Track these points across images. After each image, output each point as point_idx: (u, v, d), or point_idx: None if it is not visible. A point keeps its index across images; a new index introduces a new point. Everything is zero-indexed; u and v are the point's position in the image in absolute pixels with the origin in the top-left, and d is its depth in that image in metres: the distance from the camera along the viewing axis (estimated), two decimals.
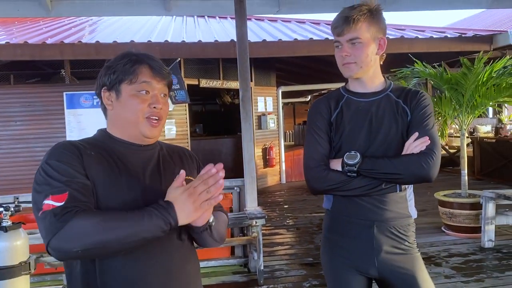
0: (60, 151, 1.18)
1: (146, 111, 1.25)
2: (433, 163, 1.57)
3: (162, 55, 6.19)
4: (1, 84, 7.01)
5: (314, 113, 1.74)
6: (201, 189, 1.11)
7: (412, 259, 1.67)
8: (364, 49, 1.60)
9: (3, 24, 8.29)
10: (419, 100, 1.66)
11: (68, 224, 1.05)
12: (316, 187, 1.68)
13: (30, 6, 4.54)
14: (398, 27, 7.77)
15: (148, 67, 1.26)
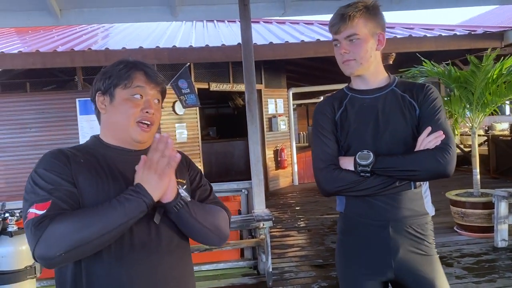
0: (48, 160, 1.21)
1: (138, 115, 1.27)
2: (449, 157, 1.52)
3: (170, 60, 6.27)
4: (17, 92, 7.17)
5: (319, 115, 1.72)
6: (156, 157, 1.17)
7: (431, 261, 1.61)
8: (362, 45, 1.58)
9: (18, 33, 8.49)
10: (427, 94, 1.61)
11: (46, 230, 1.07)
12: (327, 188, 1.64)
13: (40, 16, 4.64)
14: (407, 26, 7.70)
15: (143, 73, 1.29)
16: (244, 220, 4.12)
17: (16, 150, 6.62)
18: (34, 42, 7.38)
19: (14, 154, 6.63)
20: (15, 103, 6.71)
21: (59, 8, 4.63)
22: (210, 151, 10.29)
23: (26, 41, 7.58)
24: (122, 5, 4.71)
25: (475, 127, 5.09)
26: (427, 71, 5.05)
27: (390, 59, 7.10)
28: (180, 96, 6.88)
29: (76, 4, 4.67)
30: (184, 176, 1.39)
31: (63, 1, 4.59)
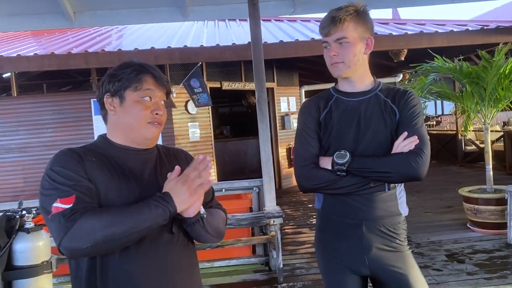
0: (63, 158, 1.26)
1: (149, 117, 1.32)
2: (422, 161, 1.58)
3: (182, 60, 6.35)
4: (35, 93, 7.34)
5: (304, 113, 1.78)
6: (193, 175, 1.22)
7: (403, 257, 1.68)
8: (351, 49, 1.62)
9: (34, 36, 8.67)
10: (407, 100, 1.68)
11: (76, 223, 1.13)
12: (305, 185, 1.71)
13: (54, 19, 4.74)
14: (418, 22, 7.65)
15: (151, 76, 1.35)
16: (255, 217, 4.17)
17: (34, 150, 6.77)
18: (49, 44, 7.54)
19: (32, 154, 6.79)
20: (32, 104, 6.88)
21: (73, 11, 4.73)
22: (224, 150, 10.36)
23: (41, 44, 7.75)
24: (133, 7, 4.78)
25: (487, 123, 5.06)
26: (438, 66, 5.03)
27: (402, 55, 7.08)
28: (192, 95, 6.96)
29: (89, 6, 4.76)
30: None
31: (77, 4, 4.68)
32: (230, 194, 4.65)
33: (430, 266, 4.05)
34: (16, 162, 6.74)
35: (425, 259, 4.23)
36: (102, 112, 1.41)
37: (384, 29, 7.26)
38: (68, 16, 4.68)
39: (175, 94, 7.05)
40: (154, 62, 6.18)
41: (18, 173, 6.75)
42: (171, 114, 6.98)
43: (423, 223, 5.53)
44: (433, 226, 5.38)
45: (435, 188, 7.81)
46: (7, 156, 6.71)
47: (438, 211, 6.17)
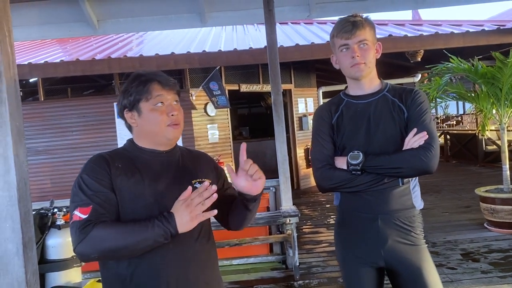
0: (91, 166, 1.42)
1: (166, 120, 1.45)
2: (431, 155, 1.68)
3: (201, 64, 6.53)
4: (60, 97, 7.63)
5: (317, 119, 1.91)
6: (197, 201, 1.30)
7: (418, 250, 1.76)
8: (371, 51, 1.76)
9: (60, 43, 9.00)
10: (414, 98, 1.78)
11: (88, 235, 1.29)
12: (323, 185, 1.83)
13: (79, 27, 4.97)
14: (434, 23, 7.65)
15: (157, 82, 1.46)
16: (272, 216, 4.30)
17: (60, 152, 7.05)
18: (74, 51, 7.82)
19: (58, 156, 7.06)
20: (58, 107, 7.16)
21: (96, 19, 4.96)
22: None
23: (67, 50, 8.05)
24: (154, 14, 4.98)
25: (504, 123, 5.07)
26: (453, 67, 5.07)
27: (418, 56, 7.11)
28: (211, 98, 7.13)
29: (112, 14, 4.98)
30: (209, 175, 1.56)
31: (100, 12, 4.91)
32: None
33: (445, 264, 4.10)
34: (43, 164, 7.03)
35: (440, 258, 4.28)
36: (126, 125, 1.54)
37: (400, 30, 7.29)
38: (92, 24, 4.91)
39: (195, 96, 7.23)
40: (174, 66, 6.39)
41: (45, 174, 7.03)
42: (190, 116, 7.17)
43: (440, 223, 5.56)
44: (450, 226, 5.41)
45: (454, 188, 7.80)
46: (34, 158, 7.00)
47: (455, 211, 6.19)
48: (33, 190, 6.75)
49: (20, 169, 1.63)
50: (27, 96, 8.09)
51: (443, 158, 11.87)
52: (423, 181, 7.11)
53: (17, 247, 1.59)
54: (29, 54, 7.64)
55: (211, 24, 5.17)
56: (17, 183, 1.59)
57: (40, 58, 6.89)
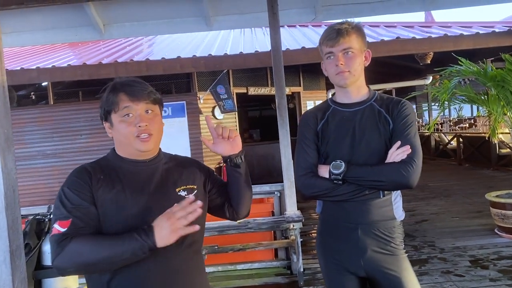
0: (73, 179, 1.40)
1: (134, 131, 1.41)
2: (412, 170, 1.65)
3: (207, 68, 6.53)
4: (70, 101, 7.71)
5: (303, 125, 1.88)
6: (179, 215, 1.27)
7: (398, 260, 1.75)
8: (356, 59, 1.73)
9: (71, 47, 9.10)
10: (400, 110, 1.75)
11: (64, 249, 1.28)
12: (305, 193, 1.81)
13: (86, 31, 5.00)
14: (444, 24, 7.54)
15: (124, 93, 1.42)
16: (275, 221, 4.25)
17: (69, 156, 7.11)
18: (83, 54, 7.90)
19: (67, 159, 7.12)
20: (67, 111, 7.23)
21: (102, 23, 4.98)
22: (252, 154, 10.46)
23: (76, 54, 8.12)
24: (160, 18, 4.98)
25: None
26: (462, 70, 4.98)
27: (428, 58, 7.01)
28: (218, 102, 7.13)
29: (118, 19, 4.99)
30: (195, 183, 1.54)
31: (106, 17, 4.92)
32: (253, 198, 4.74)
33: (452, 271, 4.02)
34: (52, 167, 7.09)
35: (448, 265, 4.19)
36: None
37: (408, 32, 7.20)
38: (98, 29, 4.93)
39: (202, 100, 7.23)
40: (180, 70, 6.40)
41: (54, 177, 7.09)
42: (198, 119, 7.17)
43: (449, 228, 5.46)
44: (460, 231, 5.30)
45: (465, 193, 7.66)
46: (44, 161, 7.07)
47: (466, 216, 6.07)
48: (43, 193, 6.88)
49: (8, 177, 1.61)
50: (40, 100, 8.19)
51: (455, 161, 11.70)
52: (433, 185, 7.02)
53: (4, 256, 1.58)
54: (39, 58, 7.73)
55: (217, 27, 5.15)
56: (4, 191, 1.59)
57: (49, 62, 6.96)
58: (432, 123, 6.66)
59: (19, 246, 1.64)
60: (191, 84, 7.39)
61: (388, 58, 8.48)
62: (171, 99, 6.85)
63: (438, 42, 6.34)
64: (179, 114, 6.90)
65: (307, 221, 6.23)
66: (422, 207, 6.66)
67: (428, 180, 8.89)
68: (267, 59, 6.05)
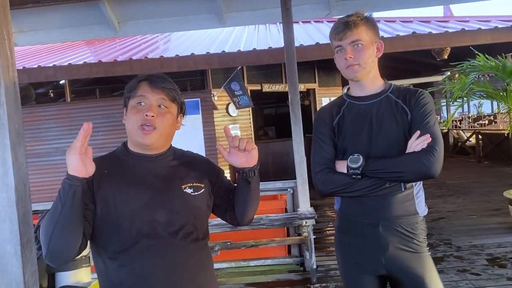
0: None
1: (140, 119, 1.39)
2: (434, 159, 1.60)
3: (220, 65, 6.54)
4: (88, 98, 7.82)
5: (318, 121, 1.84)
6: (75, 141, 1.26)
7: (421, 258, 1.69)
8: (365, 51, 1.69)
9: (88, 44, 9.23)
10: (418, 99, 1.70)
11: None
12: (323, 189, 1.75)
13: (101, 29, 5.04)
14: (462, 19, 7.40)
15: (147, 82, 1.43)
16: (288, 218, 4.24)
17: None
18: (98, 52, 7.99)
19: None
20: (84, 108, 7.34)
21: (117, 21, 5.02)
22: (267, 151, 10.46)
23: (92, 51, 8.23)
24: (173, 15, 4.99)
25: None
26: (480, 65, 4.88)
27: (445, 53, 6.89)
28: (233, 98, 7.13)
29: (132, 16, 5.03)
30: (201, 180, 1.51)
31: (121, 15, 4.96)
32: (265, 195, 4.75)
33: (469, 270, 3.95)
34: None
35: (464, 263, 4.13)
36: None
37: (424, 27, 7.08)
38: (113, 26, 4.97)
39: (216, 97, 7.25)
40: (194, 67, 6.42)
41: None
42: (212, 116, 7.19)
43: (466, 226, 5.37)
44: (477, 230, 5.21)
45: (484, 190, 7.52)
46: (61, 158, 7.18)
47: (484, 214, 5.96)
48: None
49: (19, 171, 1.64)
50: (58, 97, 8.32)
51: (474, 158, 11.50)
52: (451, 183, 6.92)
53: (15, 249, 1.60)
54: (55, 56, 7.85)
55: (230, 24, 5.14)
56: (15, 185, 1.61)
57: (66, 60, 7.06)
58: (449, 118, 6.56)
59: (30, 239, 1.67)
60: (205, 81, 7.42)
61: (404, 54, 8.37)
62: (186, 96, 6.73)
63: (455, 37, 6.22)
64: (193, 111, 6.94)
65: (321, 218, 6.20)
66: (439, 204, 6.57)
67: (446, 178, 8.76)
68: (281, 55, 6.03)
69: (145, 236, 1.36)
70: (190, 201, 1.45)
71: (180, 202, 1.43)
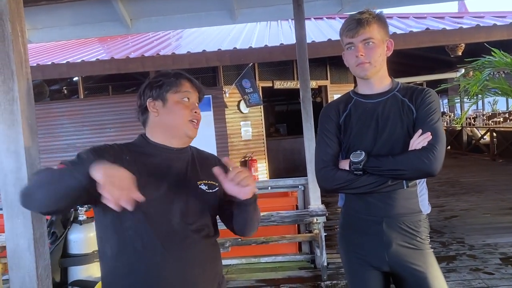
0: (101, 145, 1.42)
1: (189, 115, 1.48)
2: (434, 157, 1.60)
3: (232, 62, 6.54)
4: (100, 95, 7.89)
5: (324, 117, 1.83)
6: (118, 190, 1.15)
7: (423, 255, 1.70)
8: (376, 49, 1.68)
9: (100, 41, 9.30)
10: (424, 97, 1.70)
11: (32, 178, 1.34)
12: (325, 186, 1.76)
13: (113, 26, 5.08)
14: (476, 15, 7.28)
15: (188, 80, 1.53)
16: (299, 215, 4.23)
17: None
18: (111, 49, 8.05)
19: None
20: (96, 105, 7.41)
21: (129, 18, 5.05)
22: (278, 148, 10.46)
23: (105, 48, 8.29)
24: (185, 12, 5.01)
25: None
26: (495, 61, 4.81)
27: (459, 50, 6.80)
28: (244, 96, 7.13)
29: (144, 13, 5.06)
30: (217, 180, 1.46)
31: (133, 11, 4.99)
32: (277, 192, 4.75)
33: (482, 269, 3.90)
34: None
35: (477, 262, 4.07)
36: (142, 118, 1.53)
37: (438, 23, 6.99)
38: (125, 23, 5.01)
39: (228, 94, 7.26)
40: (205, 64, 6.43)
41: None
42: (224, 113, 7.20)
43: (479, 225, 5.30)
44: (491, 228, 5.14)
45: (498, 188, 7.41)
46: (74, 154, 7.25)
47: (498, 212, 5.87)
48: None
49: (32, 166, 1.66)
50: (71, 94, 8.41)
51: (488, 156, 11.36)
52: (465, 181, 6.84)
53: (29, 243, 1.63)
54: (69, 53, 7.92)
55: (241, 20, 5.15)
56: (28, 179, 1.63)
57: (79, 57, 7.13)
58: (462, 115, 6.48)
59: (42, 234, 1.69)
60: (216, 78, 7.42)
61: (418, 50, 8.27)
62: None
63: (470, 33, 6.12)
64: (205, 108, 6.95)
65: (332, 216, 6.16)
66: (452, 203, 6.49)
67: (459, 176, 8.66)
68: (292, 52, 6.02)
69: (159, 227, 1.38)
70: (205, 198, 1.48)
71: (195, 197, 1.46)
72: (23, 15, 1.72)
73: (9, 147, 1.62)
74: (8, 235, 1.62)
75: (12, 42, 1.62)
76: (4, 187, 1.64)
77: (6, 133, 1.63)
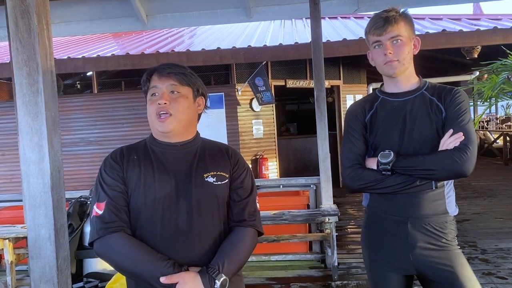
0: (108, 162, 1.47)
1: (155, 109, 1.43)
2: (466, 157, 1.57)
3: (246, 60, 6.54)
4: (113, 90, 7.95)
5: (350, 116, 1.83)
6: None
7: (451, 255, 1.66)
8: (405, 47, 1.67)
9: (114, 37, 9.36)
10: (454, 97, 1.67)
11: (104, 238, 1.36)
12: (352, 185, 1.74)
13: (129, 22, 5.12)
14: (494, 17, 7.20)
15: (156, 73, 1.47)
16: (310, 214, 4.23)
17: (110, 143, 7.32)
18: (126, 45, 8.09)
19: (108, 147, 7.32)
20: (110, 100, 7.46)
21: (146, 14, 5.07)
22: (288, 147, 10.47)
23: (120, 44, 8.34)
24: (201, 9, 5.02)
25: None
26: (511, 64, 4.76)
27: (475, 52, 6.73)
28: (256, 94, 7.13)
29: (160, 10, 5.08)
30: (226, 170, 1.50)
31: (149, 8, 5.01)
32: (287, 190, 4.76)
33: (494, 273, 3.87)
34: (94, 154, 7.33)
35: (490, 266, 4.04)
36: None
37: (455, 25, 6.93)
38: (141, 19, 5.03)
39: (240, 92, 7.26)
40: (219, 61, 6.45)
41: (96, 164, 7.32)
42: (236, 111, 7.21)
43: (492, 229, 5.26)
44: (503, 233, 5.09)
45: (511, 193, 7.34)
46: (86, 148, 7.33)
47: (511, 217, 5.82)
48: (84, 179, 7.13)
49: (54, 158, 1.68)
50: (85, 89, 8.48)
51: (501, 160, 11.24)
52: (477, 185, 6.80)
53: (50, 233, 1.64)
54: (84, 48, 7.98)
55: (257, 18, 5.15)
56: (50, 171, 1.65)
57: (94, 52, 7.18)
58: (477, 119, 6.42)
59: (63, 225, 1.71)
60: (229, 76, 7.43)
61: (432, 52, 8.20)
62: (210, 91, 6.85)
63: (487, 35, 6.06)
64: (217, 105, 6.98)
65: (343, 216, 6.16)
66: (463, 206, 6.44)
67: (471, 179, 8.58)
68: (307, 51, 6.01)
69: (165, 225, 1.40)
70: (212, 191, 1.45)
71: (202, 191, 1.44)
72: (48, 8, 1.74)
73: (33, 138, 1.64)
74: (30, 224, 1.64)
75: (38, 35, 1.64)
76: (26, 178, 1.66)
77: (30, 125, 1.64)
